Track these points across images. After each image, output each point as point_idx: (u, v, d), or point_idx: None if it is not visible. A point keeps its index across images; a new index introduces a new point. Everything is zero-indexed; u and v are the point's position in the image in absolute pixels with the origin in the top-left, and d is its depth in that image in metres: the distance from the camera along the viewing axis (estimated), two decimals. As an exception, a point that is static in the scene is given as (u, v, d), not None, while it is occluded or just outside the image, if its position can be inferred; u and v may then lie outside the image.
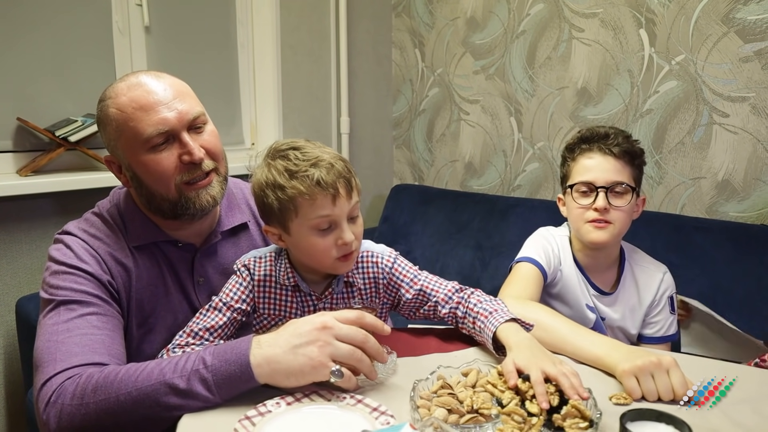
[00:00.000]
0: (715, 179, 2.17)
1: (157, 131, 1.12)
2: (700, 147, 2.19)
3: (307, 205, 1.08)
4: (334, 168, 1.09)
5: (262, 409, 0.92)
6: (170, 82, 1.17)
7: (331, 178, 1.07)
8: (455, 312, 1.19)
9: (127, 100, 1.12)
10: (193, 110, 1.16)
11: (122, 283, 1.17)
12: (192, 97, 1.19)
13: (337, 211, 1.09)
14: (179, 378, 0.94)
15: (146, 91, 1.13)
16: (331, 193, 1.07)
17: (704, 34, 2.13)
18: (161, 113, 1.12)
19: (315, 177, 1.06)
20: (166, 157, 1.14)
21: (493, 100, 2.70)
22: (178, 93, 1.16)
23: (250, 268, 1.18)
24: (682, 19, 2.16)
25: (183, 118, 1.14)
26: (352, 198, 1.12)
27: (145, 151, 1.13)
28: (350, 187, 1.11)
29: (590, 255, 1.49)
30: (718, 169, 2.16)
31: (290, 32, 2.55)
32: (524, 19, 2.55)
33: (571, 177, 1.47)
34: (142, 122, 1.11)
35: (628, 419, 0.76)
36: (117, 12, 2.13)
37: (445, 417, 0.87)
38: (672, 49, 2.20)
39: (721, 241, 1.90)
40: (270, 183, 1.10)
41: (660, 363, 0.98)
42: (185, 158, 1.14)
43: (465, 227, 2.38)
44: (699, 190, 2.21)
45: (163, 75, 1.18)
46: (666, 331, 1.50)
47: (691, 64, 2.17)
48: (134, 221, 1.22)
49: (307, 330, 0.96)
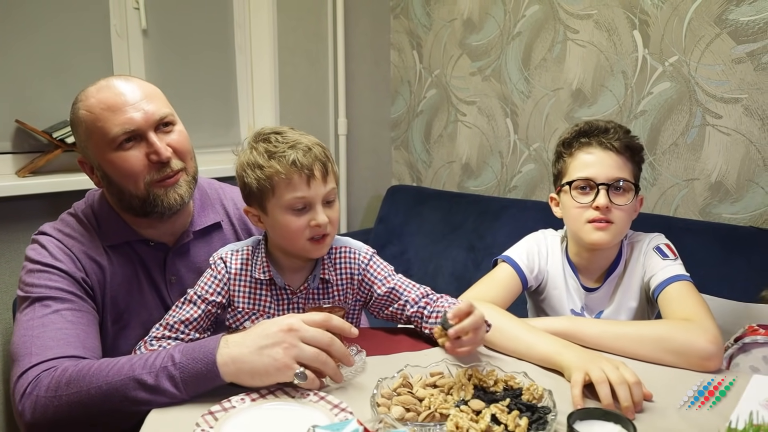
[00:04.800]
0: (709, 181, 2.16)
1: (123, 130, 1.16)
2: (693, 148, 2.18)
3: (284, 185, 1.12)
4: (312, 151, 1.13)
5: (227, 405, 0.94)
6: (139, 85, 1.21)
7: (307, 161, 1.12)
8: (422, 311, 1.21)
9: (96, 102, 1.16)
10: (160, 111, 1.20)
11: (96, 280, 1.21)
12: (160, 99, 1.22)
13: (312, 193, 1.13)
14: (148, 374, 0.97)
15: (114, 93, 1.17)
16: (306, 175, 1.12)
17: (697, 35, 2.12)
18: (128, 113, 1.16)
19: (291, 158, 1.11)
20: (133, 155, 1.18)
21: (489, 102, 2.71)
22: (145, 95, 1.20)
23: (226, 261, 1.21)
24: (676, 20, 2.16)
25: (150, 119, 1.18)
26: (327, 182, 1.16)
27: (112, 149, 1.17)
28: (326, 171, 1.15)
29: (586, 257, 1.40)
30: (711, 171, 2.15)
31: (287, 34, 2.58)
32: (520, 20, 2.56)
33: (568, 174, 1.36)
34: (109, 122, 1.15)
35: (575, 419, 0.77)
36: (115, 15, 2.17)
37: (401, 415, 0.88)
38: (665, 50, 2.20)
39: (710, 242, 1.89)
40: (251, 163, 1.15)
41: (610, 359, 1.00)
42: (153, 157, 1.18)
43: (458, 228, 2.39)
44: (692, 192, 2.20)
45: (132, 78, 1.22)
46: (662, 276, 1.29)
47: (684, 65, 2.16)
48: (108, 221, 1.26)
49: (274, 331, 0.98)
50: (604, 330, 1.18)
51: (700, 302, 1.20)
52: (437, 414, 0.89)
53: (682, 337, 1.11)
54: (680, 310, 1.19)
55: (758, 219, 2.05)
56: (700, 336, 1.10)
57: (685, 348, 1.10)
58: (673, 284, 1.26)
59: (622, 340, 1.15)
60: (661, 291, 1.27)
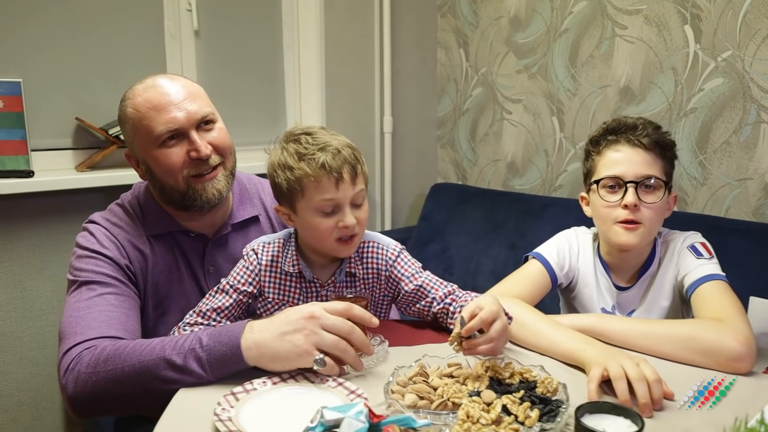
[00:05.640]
0: (763, 180, 2.08)
1: (167, 129, 1.23)
2: (746, 147, 2.10)
3: (313, 187, 1.14)
4: (341, 154, 1.15)
5: (248, 387, 0.99)
6: (183, 84, 1.27)
7: (336, 163, 1.14)
8: (447, 308, 1.22)
9: (142, 101, 1.23)
10: (202, 110, 1.26)
11: (139, 267, 1.28)
12: (202, 98, 1.28)
13: (341, 195, 1.15)
14: (177, 355, 1.02)
15: (159, 92, 1.24)
16: (335, 177, 1.14)
17: (753, 29, 2.04)
18: (172, 113, 1.23)
19: (321, 160, 1.13)
20: (175, 152, 1.24)
21: (535, 100, 2.68)
22: (188, 94, 1.26)
23: (258, 252, 1.26)
24: (730, 14, 2.09)
25: (192, 118, 1.24)
26: (356, 184, 1.17)
27: (156, 146, 1.24)
28: (355, 173, 1.17)
29: (618, 256, 1.38)
30: (766, 170, 2.07)
31: (335, 33, 2.63)
32: (567, 17, 2.53)
33: (597, 172, 1.34)
34: (154, 121, 1.22)
35: (583, 412, 0.77)
36: (168, 17, 2.27)
37: (414, 402, 0.90)
38: (718, 45, 2.13)
39: (759, 243, 1.82)
40: (281, 164, 1.18)
41: (630, 355, 0.99)
42: (193, 154, 1.25)
43: (500, 226, 2.38)
44: (745, 192, 2.12)
45: (177, 77, 1.29)
46: (695, 276, 1.26)
47: (738, 60, 2.09)
48: (151, 212, 1.33)
49: (296, 318, 1.02)
50: (631, 328, 1.16)
51: (733, 302, 1.16)
52: (450, 403, 0.90)
53: (710, 337, 1.08)
54: (712, 310, 1.16)
55: (815, 221, 1.96)
56: (729, 336, 1.07)
57: (714, 348, 1.07)
58: (707, 283, 1.23)
59: (649, 338, 1.13)
60: (694, 290, 1.24)
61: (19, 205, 1.94)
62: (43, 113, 2.01)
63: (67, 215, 2.02)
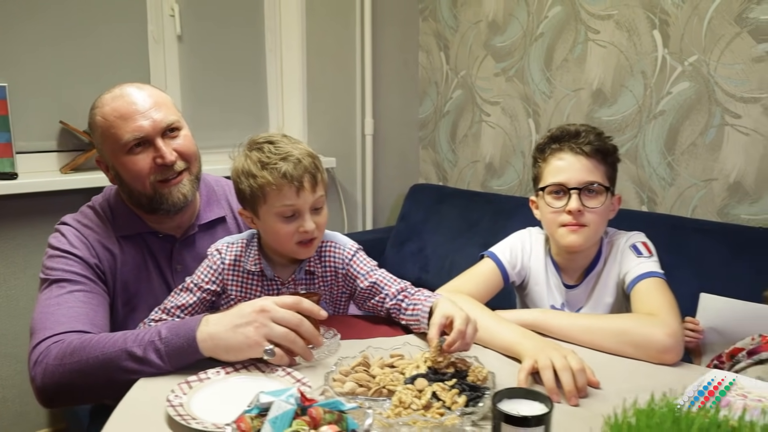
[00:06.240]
0: (727, 181, 2.14)
1: (133, 137, 1.29)
2: (712, 148, 2.16)
3: (274, 194, 1.21)
4: (302, 163, 1.22)
5: (202, 376, 1.05)
6: (150, 93, 1.33)
7: (297, 172, 1.21)
8: (400, 304, 1.28)
9: (110, 110, 1.30)
10: (167, 118, 1.32)
11: (108, 266, 1.35)
12: (168, 107, 1.35)
13: (301, 202, 1.22)
14: (138, 347, 1.09)
15: (126, 101, 1.30)
16: (296, 186, 1.21)
17: (717, 34, 2.10)
18: (138, 121, 1.29)
19: (282, 170, 1.20)
20: (142, 159, 1.31)
21: (512, 102, 2.75)
22: (155, 103, 1.32)
23: (222, 252, 1.32)
24: (695, 20, 2.15)
25: (157, 126, 1.31)
26: (316, 191, 1.25)
27: (123, 153, 1.30)
28: (315, 181, 1.24)
29: (566, 257, 1.45)
30: (730, 171, 2.12)
31: (316, 37, 2.70)
32: (542, 21, 2.59)
33: (543, 179, 1.41)
34: (121, 129, 1.29)
35: (500, 398, 0.83)
36: (152, 22, 2.34)
37: (352, 389, 0.97)
38: (685, 49, 2.19)
39: (719, 243, 1.88)
40: (244, 171, 1.24)
41: (560, 348, 1.06)
42: (158, 161, 1.31)
43: (475, 226, 2.45)
44: (711, 192, 2.18)
45: (145, 86, 1.35)
46: (635, 273, 1.32)
47: (703, 64, 2.15)
48: (121, 214, 1.40)
49: (248, 312, 1.09)
50: (571, 323, 1.22)
51: (665, 298, 1.23)
52: (385, 390, 0.97)
53: (641, 331, 1.15)
54: (646, 305, 1.22)
55: (776, 220, 2.02)
56: (659, 330, 1.13)
57: (645, 341, 1.14)
58: (644, 280, 1.29)
59: (587, 332, 1.20)
60: (633, 287, 1.30)
61: (3, 207, 2.01)
62: (28, 116, 2.08)
63: (51, 216, 2.06)
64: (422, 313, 1.21)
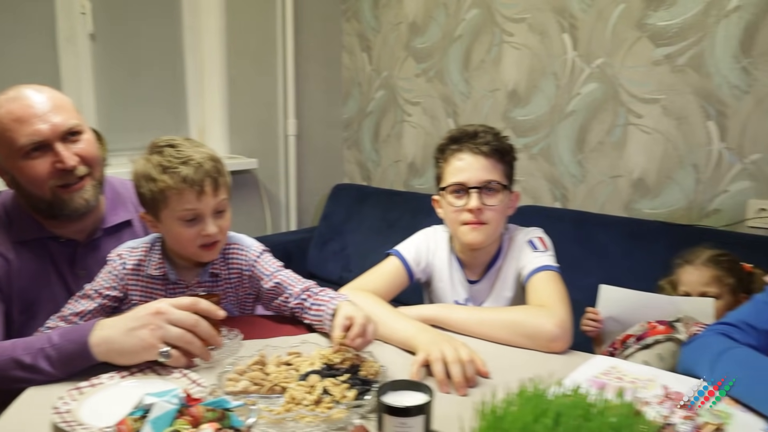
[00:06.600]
0: (631, 177, 2.25)
1: (30, 141, 1.24)
2: (617, 147, 2.27)
3: (175, 198, 1.20)
4: (203, 167, 1.21)
5: (95, 381, 1.03)
6: (49, 96, 1.28)
7: (198, 177, 1.20)
8: (303, 303, 1.30)
9: (5, 112, 1.24)
10: (68, 123, 1.27)
11: (2, 273, 1.29)
12: (68, 110, 1.30)
13: (202, 206, 1.21)
14: (27, 355, 1.06)
15: (23, 104, 1.25)
16: (196, 190, 1.20)
17: (621, 38, 2.21)
18: (35, 125, 1.24)
19: (183, 174, 1.19)
20: (40, 164, 1.26)
21: (432, 102, 2.80)
22: (54, 106, 1.27)
23: (123, 256, 1.30)
24: (601, 24, 2.25)
25: (57, 130, 1.26)
26: (218, 195, 1.24)
27: (20, 158, 1.25)
28: (216, 185, 1.23)
29: (469, 254, 1.48)
30: (634, 168, 2.24)
31: (237, 37, 2.67)
32: (460, 23, 2.65)
33: (444, 179, 1.44)
34: (17, 133, 1.23)
35: (385, 390, 0.86)
36: (62, 20, 2.26)
37: (245, 388, 0.98)
38: (592, 52, 2.29)
39: (619, 236, 1.99)
40: (145, 175, 1.22)
41: (453, 341, 1.10)
42: (58, 165, 1.26)
43: (394, 225, 2.49)
44: (617, 188, 2.29)
45: (44, 88, 1.29)
46: (530, 267, 1.37)
47: (609, 67, 2.25)
48: (19, 219, 1.35)
49: (142, 315, 1.08)
50: (468, 316, 1.27)
51: (556, 290, 1.29)
52: (278, 387, 0.98)
53: (532, 322, 1.20)
54: (538, 297, 1.28)
55: (674, 214, 2.14)
56: (547, 320, 1.19)
57: (534, 331, 1.19)
58: (538, 274, 1.35)
59: (482, 325, 1.24)
60: (528, 280, 1.36)
61: None
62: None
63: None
64: (326, 315, 1.23)
